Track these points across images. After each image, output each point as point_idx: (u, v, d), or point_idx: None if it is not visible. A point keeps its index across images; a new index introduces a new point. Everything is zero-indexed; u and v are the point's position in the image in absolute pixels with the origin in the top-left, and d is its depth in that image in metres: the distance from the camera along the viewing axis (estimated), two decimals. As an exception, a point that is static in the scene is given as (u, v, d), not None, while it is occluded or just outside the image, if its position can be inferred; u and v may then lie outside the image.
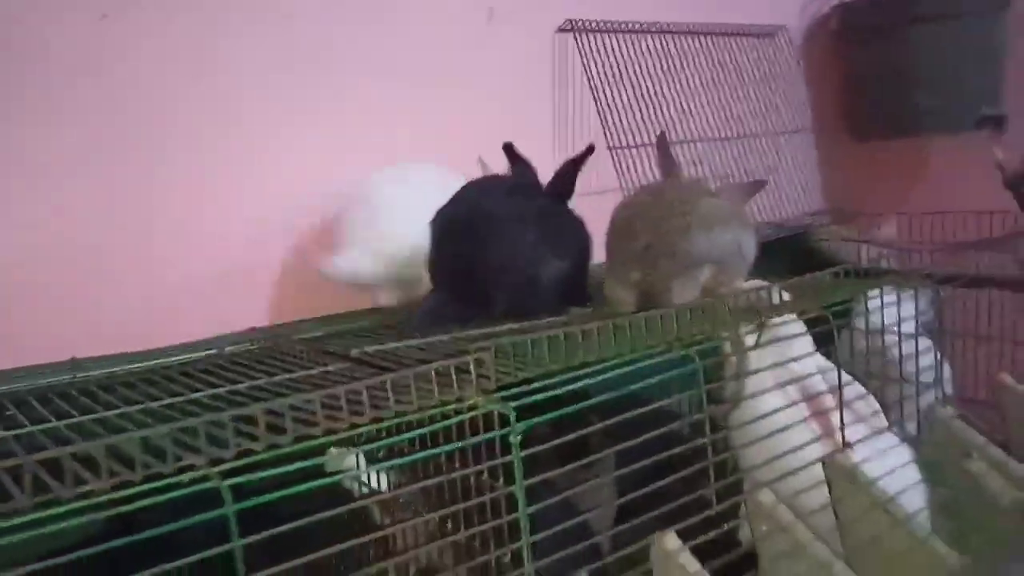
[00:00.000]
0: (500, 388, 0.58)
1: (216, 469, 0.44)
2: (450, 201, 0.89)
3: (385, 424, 0.52)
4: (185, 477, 0.44)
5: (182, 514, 0.45)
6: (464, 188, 0.91)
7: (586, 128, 1.21)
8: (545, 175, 0.96)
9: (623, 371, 0.64)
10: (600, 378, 0.62)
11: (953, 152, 1.72)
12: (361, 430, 0.51)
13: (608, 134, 1.17)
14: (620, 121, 1.18)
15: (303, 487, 0.46)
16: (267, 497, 0.44)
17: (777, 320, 0.83)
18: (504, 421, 0.55)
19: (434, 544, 0.57)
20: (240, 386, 0.62)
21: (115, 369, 0.77)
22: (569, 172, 0.94)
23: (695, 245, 0.84)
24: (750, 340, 0.81)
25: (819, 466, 0.77)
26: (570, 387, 0.61)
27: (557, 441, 0.59)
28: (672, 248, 0.84)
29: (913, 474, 0.84)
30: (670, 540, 0.64)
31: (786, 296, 0.86)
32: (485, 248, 0.85)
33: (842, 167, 1.74)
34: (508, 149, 0.97)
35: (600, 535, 0.71)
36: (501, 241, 0.85)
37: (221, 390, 0.61)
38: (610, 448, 0.68)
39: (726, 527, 0.68)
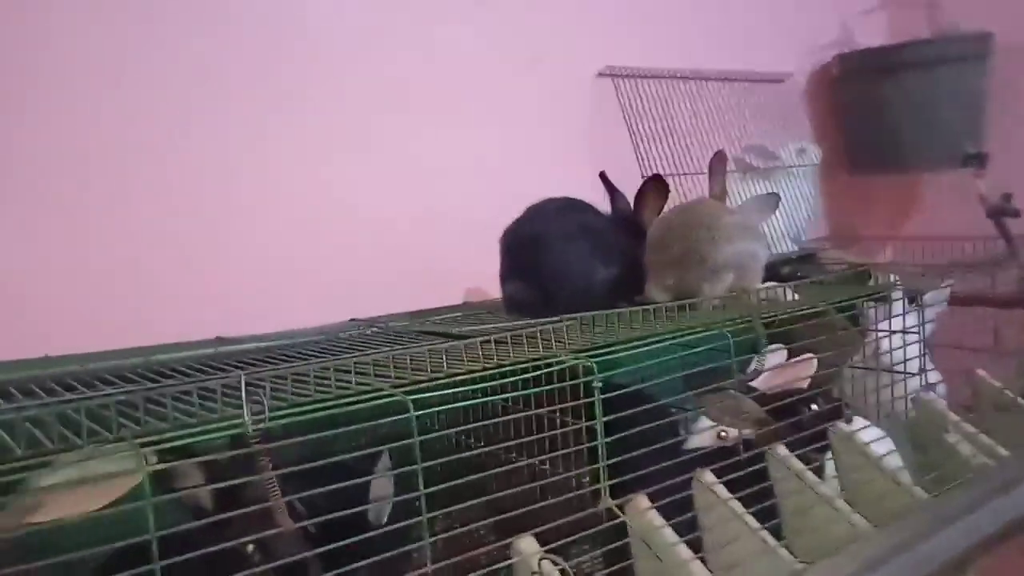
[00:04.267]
0: (578, 351, 0.77)
1: (399, 389, 0.63)
2: (515, 221, 1.08)
3: (500, 371, 0.71)
4: (378, 393, 0.62)
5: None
6: (526, 210, 1.10)
7: (620, 159, 1.40)
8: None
9: (674, 341, 0.82)
10: (655, 346, 0.81)
11: (938, 185, 1.92)
12: (487, 373, 0.69)
13: (642, 164, 1.37)
14: (653, 153, 1.38)
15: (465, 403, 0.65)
16: (440, 408, 0.63)
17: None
18: (587, 372, 0.73)
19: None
20: (379, 354, 0.77)
21: (255, 344, 0.95)
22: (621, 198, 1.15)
23: (720, 253, 1.04)
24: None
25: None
26: (631, 351, 0.79)
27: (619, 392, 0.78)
28: (701, 257, 1.04)
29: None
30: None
31: (795, 296, 1.05)
32: (543, 263, 1.03)
33: (841, 198, 1.94)
34: (603, 177, 1.15)
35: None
36: (555, 256, 1.04)
37: (367, 356, 0.77)
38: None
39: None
